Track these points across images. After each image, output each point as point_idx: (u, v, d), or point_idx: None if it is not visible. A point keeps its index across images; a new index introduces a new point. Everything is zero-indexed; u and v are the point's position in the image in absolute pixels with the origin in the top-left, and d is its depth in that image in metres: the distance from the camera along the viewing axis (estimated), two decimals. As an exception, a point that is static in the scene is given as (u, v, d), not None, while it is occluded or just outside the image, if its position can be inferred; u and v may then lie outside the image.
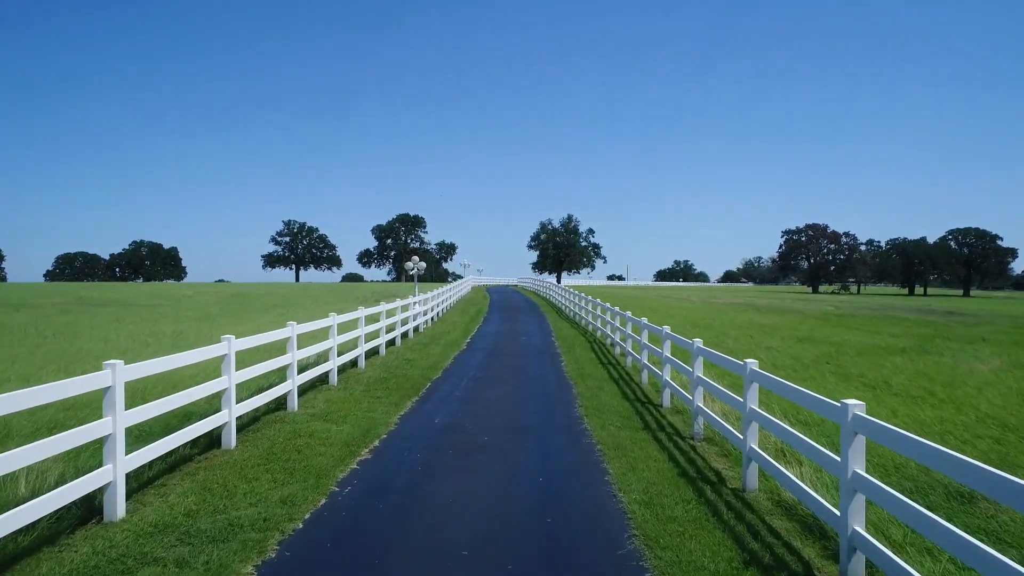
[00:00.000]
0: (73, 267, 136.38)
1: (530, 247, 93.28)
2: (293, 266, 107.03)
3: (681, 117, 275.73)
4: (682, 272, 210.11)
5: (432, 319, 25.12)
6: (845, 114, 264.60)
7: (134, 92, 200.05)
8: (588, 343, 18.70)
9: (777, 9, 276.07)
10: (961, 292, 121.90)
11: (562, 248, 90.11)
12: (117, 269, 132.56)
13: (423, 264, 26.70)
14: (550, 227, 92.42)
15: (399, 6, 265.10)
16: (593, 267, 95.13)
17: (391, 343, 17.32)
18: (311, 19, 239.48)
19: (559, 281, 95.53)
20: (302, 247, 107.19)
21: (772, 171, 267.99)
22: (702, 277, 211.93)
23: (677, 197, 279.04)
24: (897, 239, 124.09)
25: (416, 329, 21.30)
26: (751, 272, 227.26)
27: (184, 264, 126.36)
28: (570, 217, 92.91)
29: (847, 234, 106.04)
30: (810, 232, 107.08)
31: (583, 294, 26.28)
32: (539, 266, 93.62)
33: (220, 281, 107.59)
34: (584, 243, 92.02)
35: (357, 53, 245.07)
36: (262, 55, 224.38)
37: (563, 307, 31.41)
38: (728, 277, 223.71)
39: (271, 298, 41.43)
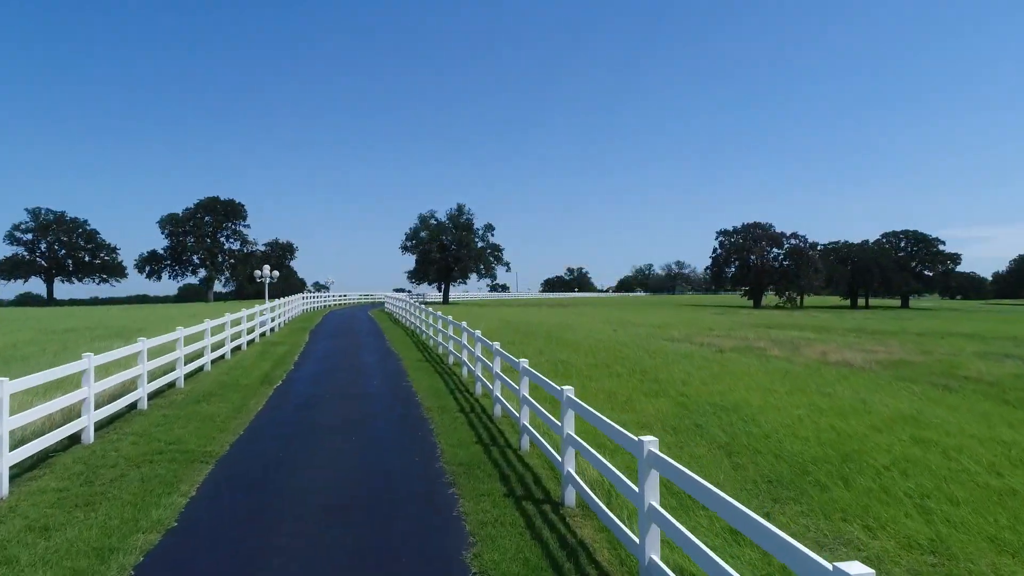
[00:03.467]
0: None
1: (405, 249, 76.93)
2: (43, 276, 79.61)
3: (551, 116, 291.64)
4: (577, 282, 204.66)
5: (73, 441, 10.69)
6: (735, 113, 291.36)
7: None
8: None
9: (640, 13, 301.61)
10: (899, 303, 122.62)
11: (451, 251, 74.60)
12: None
13: None
14: (433, 222, 76.74)
15: None
16: (494, 275, 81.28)
17: None
18: None
19: (446, 297, 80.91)
20: (60, 247, 79.43)
21: (661, 174, 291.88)
22: (590, 287, 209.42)
23: (567, 200, 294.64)
24: (838, 242, 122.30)
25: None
26: (643, 280, 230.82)
27: None
28: (460, 209, 76.90)
29: (795, 235, 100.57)
30: (757, 231, 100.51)
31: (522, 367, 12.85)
32: (418, 275, 77.92)
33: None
34: (481, 243, 76.97)
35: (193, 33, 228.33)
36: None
37: (460, 367, 17.81)
38: (622, 286, 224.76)
39: None
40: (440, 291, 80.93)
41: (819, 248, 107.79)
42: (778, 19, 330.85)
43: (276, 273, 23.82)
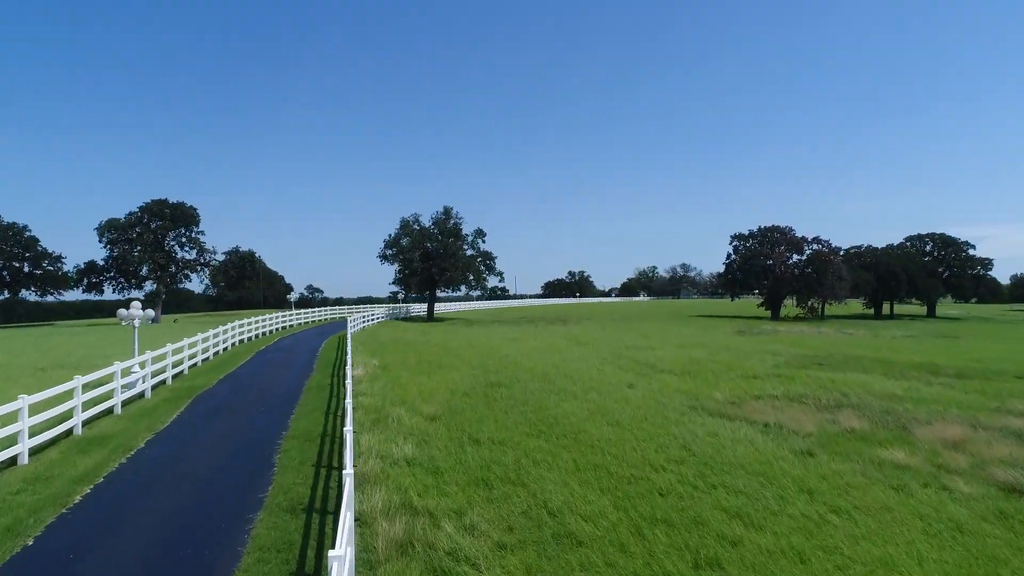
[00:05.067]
0: None
1: (384, 258, 67.47)
2: (-26, 290, 69.45)
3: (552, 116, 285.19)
4: (578, 285, 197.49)
5: None
6: (731, 117, 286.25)
7: None
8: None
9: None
10: (925, 311, 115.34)
11: (436, 259, 65.39)
12: None
13: None
14: (416, 227, 67.89)
15: None
16: (486, 287, 72.28)
17: None
18: None
19: (431, 313, 71.56)
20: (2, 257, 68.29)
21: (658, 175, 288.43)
22: (592, 290, 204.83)
23: (568, 200, 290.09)
24: (860, 246, 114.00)
25: None
26: (646, 283, 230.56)
27: None
28: (447, 212, 68.25)
29: (817, 239, 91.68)
30: (775, 235, 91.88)
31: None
32: (402, 284, 68.60)
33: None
34: (470, 251, 67.84)
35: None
36: None
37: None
38: (625, 289, 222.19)
39: None
40: (428, 307, 72.26)
41: (841, 253, 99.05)
42: (785, 12, 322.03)
43: (151, 312, 15.86)
